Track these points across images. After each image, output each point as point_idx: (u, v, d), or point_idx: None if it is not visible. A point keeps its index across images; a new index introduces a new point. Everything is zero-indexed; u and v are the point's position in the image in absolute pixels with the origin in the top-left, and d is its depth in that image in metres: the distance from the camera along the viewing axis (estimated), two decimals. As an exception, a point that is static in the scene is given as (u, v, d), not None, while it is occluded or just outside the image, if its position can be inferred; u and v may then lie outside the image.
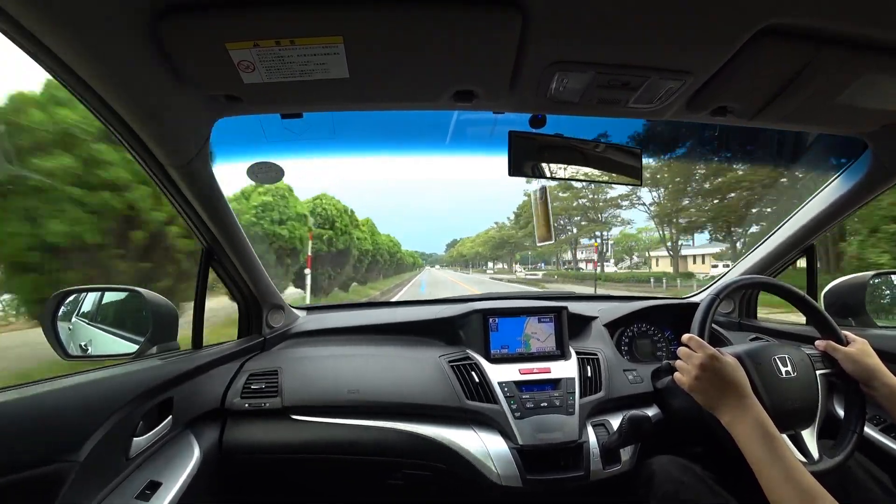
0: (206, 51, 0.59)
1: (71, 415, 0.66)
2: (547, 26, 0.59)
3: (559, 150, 0.93)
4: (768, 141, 2.22)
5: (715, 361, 0.74)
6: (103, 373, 0.77)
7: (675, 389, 0.84)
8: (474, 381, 1.08)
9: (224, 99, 0.72)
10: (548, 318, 1.21)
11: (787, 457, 0.64)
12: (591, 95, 0.76)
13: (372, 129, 1.15)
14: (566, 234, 29.13)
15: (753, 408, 0.70)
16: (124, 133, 0.72)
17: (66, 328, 0.99)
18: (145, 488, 0.76)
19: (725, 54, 0.65)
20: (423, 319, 1.34)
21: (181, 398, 0.89)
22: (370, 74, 0.68)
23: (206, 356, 1.02)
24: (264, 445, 1.03)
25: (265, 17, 0.55)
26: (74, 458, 0.63)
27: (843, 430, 0.82)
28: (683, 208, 17.96)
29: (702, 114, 0.84)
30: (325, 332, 1.36)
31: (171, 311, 1.02)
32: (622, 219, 29.84)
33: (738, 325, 1.44)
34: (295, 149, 1.04)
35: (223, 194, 0.95)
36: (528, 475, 0.94)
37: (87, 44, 0.55)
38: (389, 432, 1.01)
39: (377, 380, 1.10)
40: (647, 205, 22.75)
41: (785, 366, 0.82)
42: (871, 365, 0.80)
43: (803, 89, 0.74)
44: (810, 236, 1.25)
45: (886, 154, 0.98)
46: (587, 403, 1.05)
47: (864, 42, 0.63)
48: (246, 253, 1.10)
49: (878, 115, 0.86)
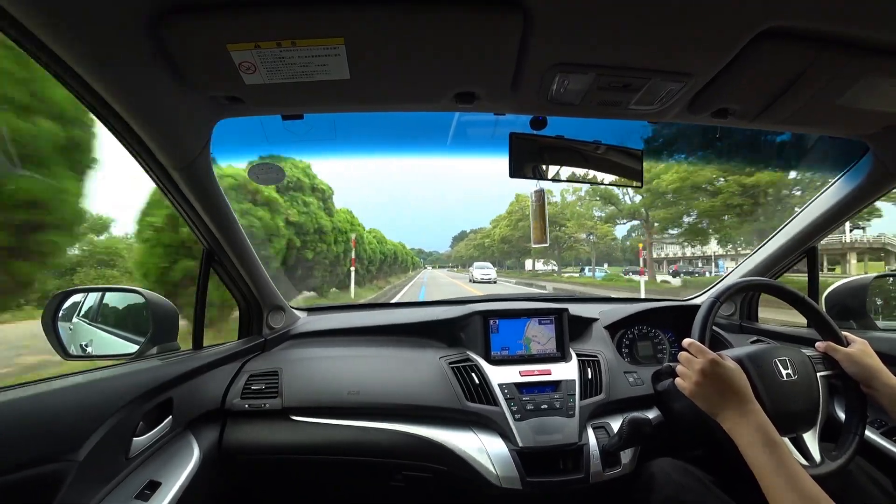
0: (208, 52, 0.59)
1: (71, 414, 0.66)
2: (548, 28, 0.59)
3: (560, 152, 0.93)
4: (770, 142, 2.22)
5: (716, 367, 0.73)
6: (104, 373, 0.77)
7: (675, 392, 0.83)
8: (474, 382, 1.07)
9: (225, 100, 0.72)
10: (548, 319, 1.21)
11: (790, 463, 0.63)
12: (592, 97, 0.77)
13: (373, 131, 1.16)
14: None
15: (755, 413, 0.69)
16: (125, 134, 0.72)
17: (67, 328, 0.99)
18: (145, 488, 0.76)
19: (726, 56, 0.65)
20: (424, 321, 1.34)
21: (181, 398, 0.89)
22: (371, 76, 0.68)
23: (207, 357, 1.02)
24: (264, 446, 1.03)
25: (266, 18, 0.55)
26: (74, 458, 0.63)
27: (845, 433, 0.81)
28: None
29: (703, 116, 0.84)
30: (326, 333, 1.36)
31: (171, 312, 1.02)
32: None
33: (738, 328, 1.44)
34: (296, 150, 1.04)
35: (224, 195, 0.95)
36: (527, 477, 0.94)
37: (89, 45, 0.55)
38: (390, 433, 1.01)
39: (377, 381, 1.10)
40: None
41: (786, 368, 0.82)
42: (872, 366, 0.80)
43: (804, 91, 0.74)
44: (811, 238, 1.24)
45: (887, 156, 0.98)
46: (587, 405, 1.05)
47: (865, 44, 0.63)
48: (247, 254, 1.11)
49: (878, 117, 0.86)
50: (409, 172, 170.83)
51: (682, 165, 13.01)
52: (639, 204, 18.30)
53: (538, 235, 1.03)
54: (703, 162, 11.51)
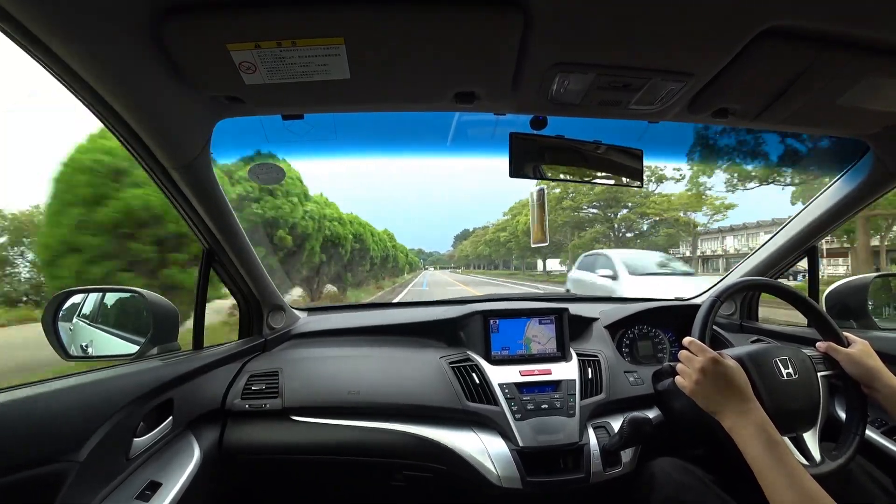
0: (208, 52, 0.59)
1: (71, 415, 0.66)
2: (548, 28, 0.59)
3: (560, 152, 0.93)
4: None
5: (716, 365, 0.73)
6: (104, 373, 0.77)
7: (675, 391, 0.83)
8: (475, 382, 1.07)
9: (225, 100, 0.72)
10: (549, 319, 1.21)
11: (790, 462, 0.63)
12: (592, 97, 0.76)
13: (373, 131, 1.15)
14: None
15: (755, 412, 0.69)
16: (125, 133, 0.72)
17: (68, 329, 0.99)
18: (145, 489, 0.76)
19: (727, 56, 0.65)
20: (424, 321, 1.34)
21: (182, 399, 0.89)
22: (371, 75, 0.68)
23: (207, 357, 1.02)
24: (265, 446, 1.03)
25: (266, 18, 0.55)
26: (75, 458, 0.63)
27: (845, 432, 0.81)
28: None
29: (703, 115, 0.84)
30: (326, 333, 1.36)
31: (172, 312, 1.02)
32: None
33: (739, 327, 1.44)
34: (296, 150, 1.04)
35: (224, 195, 0.95)
36: (528, 477, 0.94)
37: (89, 45, 0.55)
38: (390, 433, 1.01)
39: (378, 381, 1.10)
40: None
41: (786, 368, 0.82)
42: (873, 366, 0.80)
43: (805, 91, 0.74)
44: (812, 238, 1.24)
45: (888, 156, 0.98)
46: (588, 405, 1.05)
47: (866, 44, 0.63)
48: (247, 254, 1.10)
49: (879, 117, 0.86)
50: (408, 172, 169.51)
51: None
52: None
53: (538, 235, 1.03)
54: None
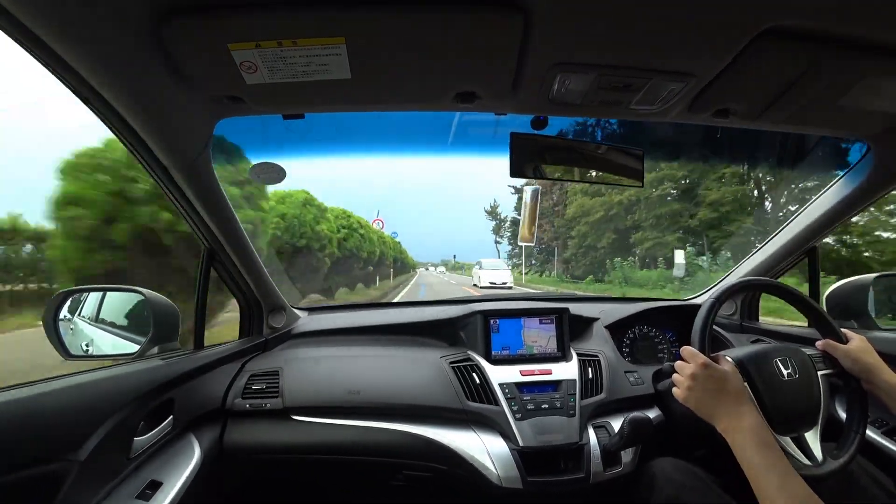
0: (209, 52, 0.59)
1: (72, 414, 0.66)
2: (549, 28, 0.59)
3: (560, 152, 0.93)
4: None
5: (707, 370, 0.73)
6: (105, 373, 0.77)
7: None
8: (475, 382, 1.07)
9: (226, 100, 0.72)
10: (549, 319, 1.21)
11: (782, 465, 0.63)
12: (592, 97, 0.76)
13: (374, 131, 1.16)
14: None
15: (748, 415, 0.69)
16: (126, 133, 0.72)
17: (68, 328, 0.99)
18: (146, 488, 0.76)
19: (728, 56, 0.65)
20: (424, 320, 1.34)
21: (182, 398, 0.89)
22: (372, 75, 0.68)
23: (207, 357, 1.02)
24: (265, 446, 1.03)
25: (267, 17, 0.55)
26: (75, 458, 0.63)
27: (846, 432, 0.81)
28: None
29: (704, 115, 0.84)
30: (326, 332, 1.36)
31: (172, 312, 1.02)
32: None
33: (739, 327, 1.44)
34: (297, 150, 1.04)
35: (225, 195, 0.95)
36: (528, 477, 0.94)
37: (91, 45, 0.55)
38: (390, 433, 1.01)
39: (378, 381, 1.10)
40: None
41: (786, 368, 0.82)
42: (871, 361, 0.80)
43: (805, 91, 0.74)
44: (812, 238, 1.24)
45: (888, 156, 0.98)
46: (588, 405, 1.05)
47: (867, 44, 0.63)
48: (247, 254, 1.10)
49: (880, 118, 0.86)
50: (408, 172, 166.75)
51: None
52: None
53: (525, 234, 1.03)
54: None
